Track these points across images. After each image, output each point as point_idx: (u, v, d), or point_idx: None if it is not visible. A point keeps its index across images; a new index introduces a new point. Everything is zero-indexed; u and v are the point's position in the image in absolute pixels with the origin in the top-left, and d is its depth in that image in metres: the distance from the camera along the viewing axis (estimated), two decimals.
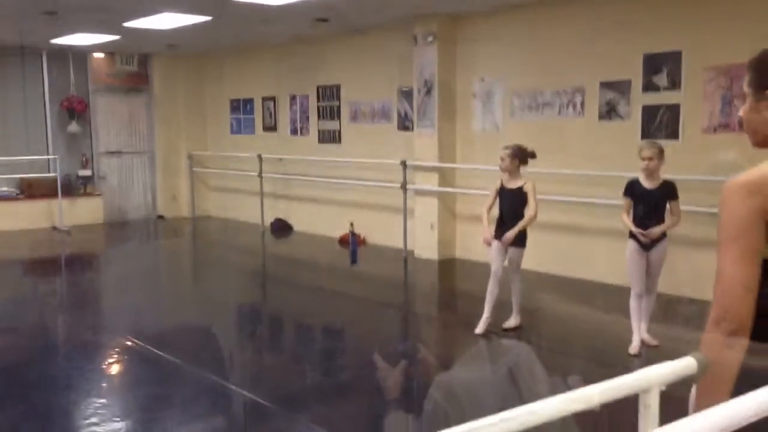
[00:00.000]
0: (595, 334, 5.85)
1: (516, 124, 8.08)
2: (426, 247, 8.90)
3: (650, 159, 4.99)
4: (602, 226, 7.17)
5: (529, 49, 7.92)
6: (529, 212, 5.53)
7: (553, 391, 1.21)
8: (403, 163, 8.91)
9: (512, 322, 5.79)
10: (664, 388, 1.32)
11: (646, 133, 6.81)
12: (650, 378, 1.29)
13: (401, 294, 7.85)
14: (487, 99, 8.37)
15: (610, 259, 6.84)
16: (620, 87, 7.10)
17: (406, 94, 9.28)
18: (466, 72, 8.56)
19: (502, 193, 5.68)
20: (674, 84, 6.70)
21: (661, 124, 6.80)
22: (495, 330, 5.66)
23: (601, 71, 7.23)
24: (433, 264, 8.67)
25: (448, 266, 8.62)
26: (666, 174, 5.16)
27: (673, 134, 6.69)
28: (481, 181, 8.45)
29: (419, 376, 4.94)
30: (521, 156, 5.66)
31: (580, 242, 7.52)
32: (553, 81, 7.67)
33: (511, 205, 5.63)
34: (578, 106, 7.47)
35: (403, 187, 8.95)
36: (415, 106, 8.92)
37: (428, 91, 8.67)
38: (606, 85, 7.21)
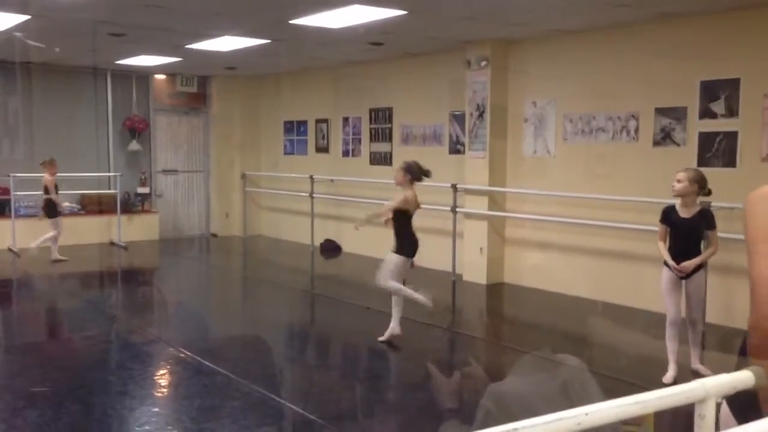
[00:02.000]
0: (635, 361, 5.75)
1: (568, 148, 8.06)
2: (475, 270, 8.88)
3: (678, 181, 4.92)
4: (656, 253, 7.06)
5: (582, 73, 7.91)
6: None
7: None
8: (454, 187, 8.95)
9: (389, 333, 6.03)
10: (720, 399, 1.33)
11: (702, 160, 6.72)
12: (707, 388, 1.30)
13: (448, 316, 7.84)
14: (539, 123, 8.37)
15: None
16: (676, 113, 7.03)
17: (458, 118, 9.35)
18: (518, 96, 8.58)
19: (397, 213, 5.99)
20: (732, 111, 6.61)
21: (718, 151, 6.70)
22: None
23: (656, 97, 7.17)
24: (481, 288, 8.65)
25: (496, 290, 8.58)
26: (722, 202, 5.07)
27: (731, 162, 6.59)
28: (532, 205, 8.44)
29: (465, 397, 4.92)
30: (413, 172, 5.93)
31: (633, 270, 7.40)
32: (606, 106, 7.64)
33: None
34: (632, 131, 7.41)
35: (453, 210, 8.98)
36: (466, 130, 8.97)
37: (480, 115, 8.72)
38: (661, 111, 7.14)
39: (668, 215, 5.06)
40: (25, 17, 7.34)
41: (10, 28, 7.84)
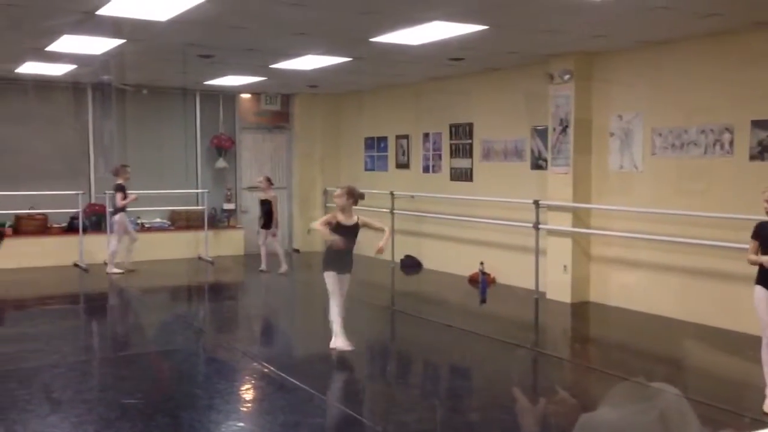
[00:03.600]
0: (731, 387, 5.46)
1: (657, 163, 7.78)
2: (558, 288, 8.67)
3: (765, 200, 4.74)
4: (752, 272, 6.71)
5: (671, 85, 7.64)
6: (385, 228, 6.61)
7: None
8: (536, 203, 8.79)
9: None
10: None
11: None
12: None
13: (531, 335, 7.68)
14: (626, 137, 8.13)
15: None
16: None
17: (540, 133, 9.19)
18: (603, 109, 8.37)
19: (340, 229, 6.15)
20: None
21: None
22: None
23: (752, 109, 6.84)
24: (565, 306, 8.43)
25: (581, 309, 8.35)
26: None
27: None
28: (618, 222, 8.18)
29: (548, 419, 4.79)
30: (354, 196, 6.23)
31: (727, 290, 7.05)
32: (698, 119, 7.34)
33: (350, 239, 6.19)
34: (726, 145, 7.09)
35: (536, 226, 8.81)
36: (549, 145, 8.81)
37: (563, 129, 8.54)
38: (758, 124, 6.80)
39: (760, 230, 4.88)
40: (120, 41, 7.69)
41: (107, 52, 8.23)
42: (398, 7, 6.19)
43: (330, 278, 6.31)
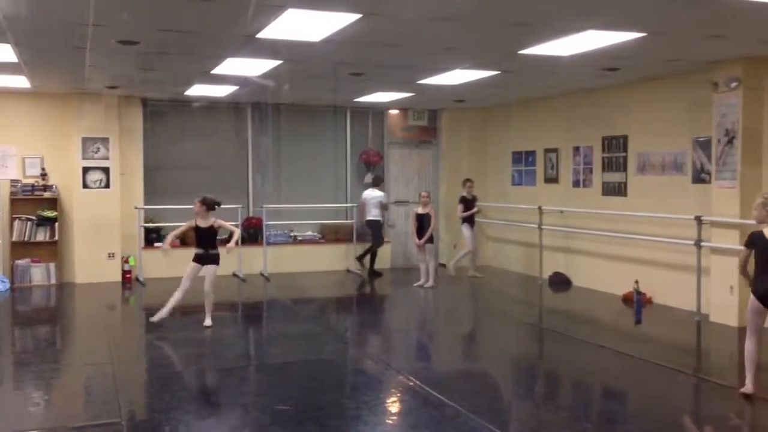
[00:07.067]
0: None
1: None
2: (723, 311, 8.06)
3: (754, 208, 5.31)
4: None
5: None
6: (236, 229, 8.22)
7: None
8: (698, 219, 8.24)
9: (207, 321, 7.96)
10: None
11: None
12: None
13: (693, 360, 7.18)
14: None
15: None
16: None
17: (703, 144, 8.62)
18: None
19: (198, 231, 7.91)
20: None
21: None
22: None
23: None
24: (731, 330, 7.82)
25: None
26: None
27: None
28: None
29: None
30: (206, 204, 7.88)
31: None
32: None
33: (206, 238, 7.89)
34: None
35: (697, 244, 8.26)
36: (713, 157, 8.23)
37: (730, 141, 7.96)
38: None
39: (752, 238, 5.43)
40: (277, 62, 8.08)
41: (264, 73, 8.68)
42: (551, 18, 6.04)
43: (190, 267, 7.88)
